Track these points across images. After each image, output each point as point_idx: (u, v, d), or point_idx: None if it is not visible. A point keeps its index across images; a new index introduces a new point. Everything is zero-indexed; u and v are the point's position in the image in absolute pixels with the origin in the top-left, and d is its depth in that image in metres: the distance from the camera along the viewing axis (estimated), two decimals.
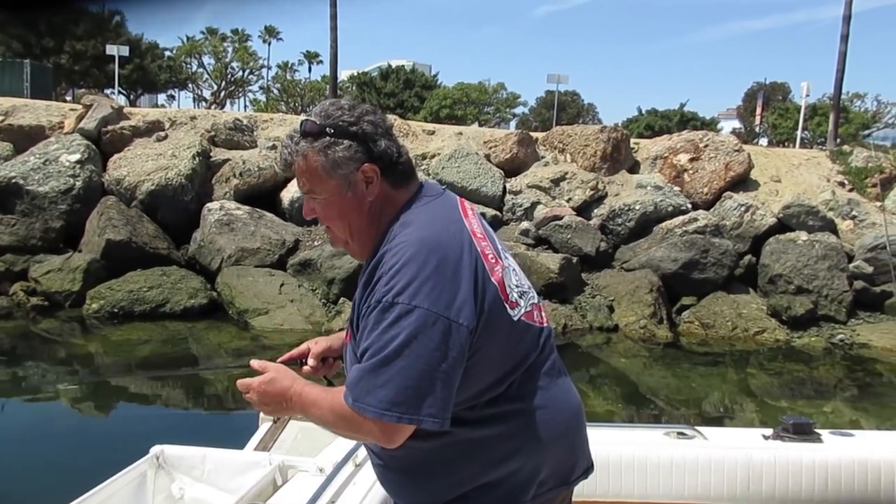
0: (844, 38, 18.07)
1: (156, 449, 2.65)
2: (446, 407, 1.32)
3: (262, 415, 3.01)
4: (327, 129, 1.43)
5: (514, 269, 1.50)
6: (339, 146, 1.42)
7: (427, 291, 1.31)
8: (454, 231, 1.41)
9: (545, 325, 1.53)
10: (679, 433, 2.60)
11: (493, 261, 1.43)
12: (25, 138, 11.57)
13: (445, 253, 1.35)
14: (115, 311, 9.02)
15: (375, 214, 1.46)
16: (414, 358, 1.29)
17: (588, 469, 1.59)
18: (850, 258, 10.70)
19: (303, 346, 1.74)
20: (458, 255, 1.37)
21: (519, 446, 1.43)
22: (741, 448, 2.49)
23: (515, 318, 1.43)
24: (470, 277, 1.36)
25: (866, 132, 34.25)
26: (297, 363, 1.71)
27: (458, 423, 1.38)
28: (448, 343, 1.31)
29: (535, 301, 1.52)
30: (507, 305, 1.41)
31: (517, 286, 1.47)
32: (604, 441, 2.46)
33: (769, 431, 2.61)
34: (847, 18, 18.04)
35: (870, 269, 10.43)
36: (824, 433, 2.61)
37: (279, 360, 1.67)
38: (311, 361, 1.69)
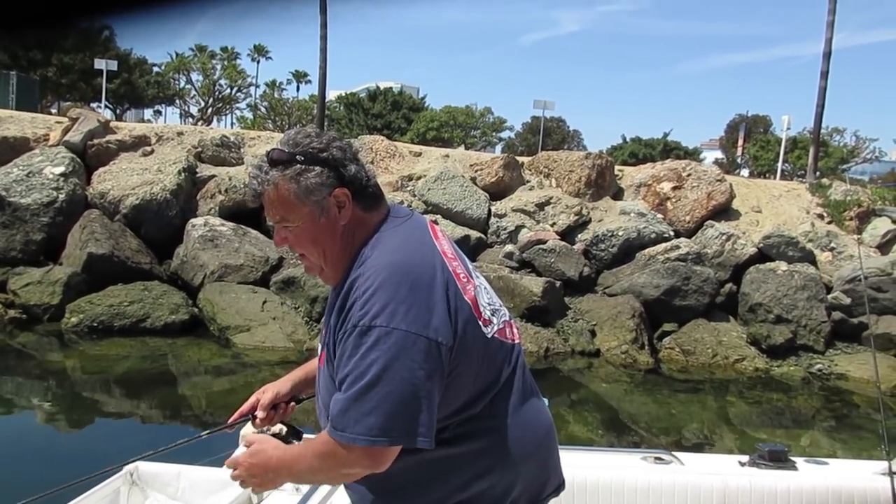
0: (824, 74, 18.45)
1: (130, 466, 2.61)
2: (432, 425, 1.33)
3: (241, 432, 2.98)
4: (297, 156, 1.43)
5: (485, 288, 1.52)
6: (311, 173, 1.43)
7: (404, 313, 1.32)
8: (426, 252, 1.43)
9: (517, 341, 1.55)
10: (656, 458, 2.62)
11: (465, 280, 1.45)
12: (10, 150, 11.48)
13: (418, 275, 1.37)
14: (95, 325, 8.92)
15: (348, 239, 1.47)
16: (397, 381, 1.30)
17: (559, 486, 1.60)
18: (829, 289, 10.84)
19: (251, 399, 1.75)
20: (431, 276, 1.38)
21: (492, 464, 1.44)
22: (717, 474, 2.51)
23: (489, 336, 1.45)
24: (444, 297, 1.37)
25: (845, 166, 34.87)
26: (248, 418, 1.72)
27: (438, 440, 1.39)
28: (429, 362, 1.31)
29: (507, 318, 1.54)
30: (480, 323, 1.43)
31: (489, 304, 1.49)
32: (581, 465, 2.48)
33: (745, 458, 2.64)
34: (827, 55, 18.44)
35: (847, 301, 10.56)
36: (799, 461, 2.64)
37: (230, 419, 1.67)
38: (260, 413, 1.70)
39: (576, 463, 2.46)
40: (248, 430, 1.71)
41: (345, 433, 1.32)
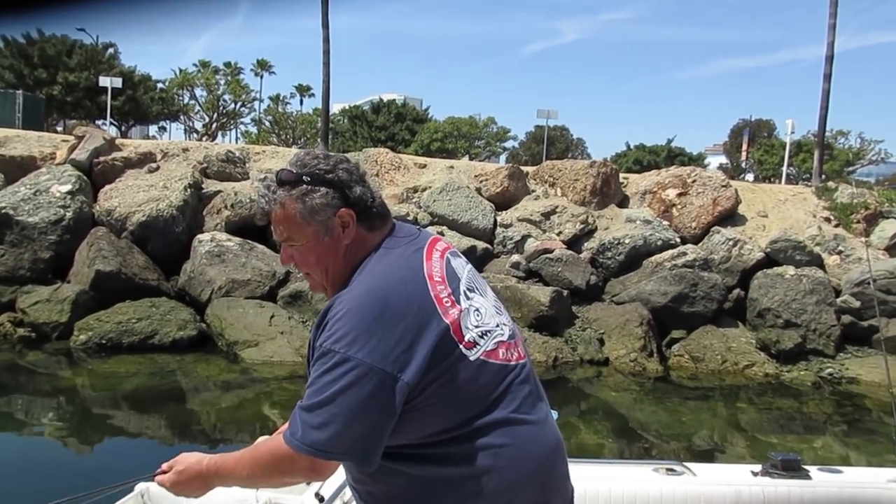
0: (827, 77, 18.46)
1: (141, 486, 2.61)
2: (374, 450, 1.40)
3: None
4: (304, 177, 1.48)
5: (476, 310, 1.51)
6: (317, 193, 1.48)
7: (363, 342, 1.36)
8: (406, 278, 1.45)
9: (514, 361, 1.53)
10: (668, 469, 2.61)
11: (449, 304, 1.46)
12: (17, 169, 11.57)
13: (389, 303, 1.40)
14: (103, 342, 8.94)
15: (350, 258, 1.51)
16: (346, 406, 1.36)
17: None
18: (838, 293, 10.79)
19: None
20: (404, 304, 1.41)
21: (485, 485, 1.43)
22: (730, 485, 2.49)
23: (472, 358, 1.44)
24: (412, 326, 1.39)
25: (850, 169, 34.78)
26: (148, 476, 1.73)
27: (425, 460, 1.42)
28: (380, 395, 1.36)
29: (504, 339, 1.52)
30: (461, 347, 1.44)
31: (477, 326, 1.48)
32: (592, 477, 2.46)
33: (758, 467, 2.62)
34: (830, 58, 18.45)
35: (857, 304, 10.51)
36: (812, 469, 2.62)
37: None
38: (165, 466, 1.67)
39: (587, 475, 2.45)
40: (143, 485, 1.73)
41: (298, 441, 1.39)
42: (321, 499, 2.35)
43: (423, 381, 1.39)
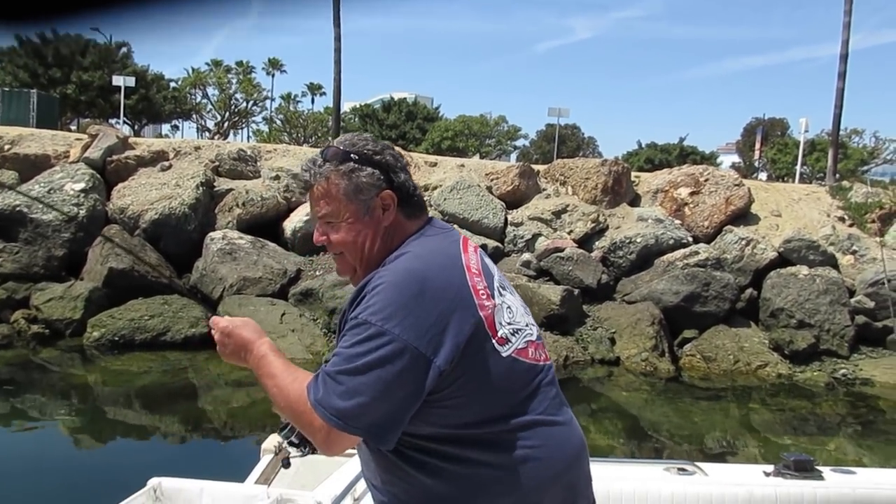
0: (842, 75, 18.30)
1: (153, 481, 2.62)
2: (394, 430, 1.37)
3: (263, 446, 3.00)
4: (352, 154, 1.49)
5: (508, 307, 1.50)
6: (363, 172, 1.49)
7: (401, 317, 1.34)
8: (446, 264, 1.45)
9: (542, 362, 1.53)
10: (679, 469, 2.59)
11: (485, 297, 1.45)
12: (31, 167, 11.66)
13: (429, 284, 1.38)
14: (116, 339, 9.00)
15: (386, 241, 1.51)
16: (374, 379, 1.33)
17: None
18: (852, 293, 10.70)
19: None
20: (442, 288, 1.39)
21: (516, 485, 1.42)
22: (742, 485, 2.47)
23: (504, 354, 1.44)
24: (449, 311, 1.38)
25: (865, 168, 34.47)
26: None
27: (454, 458, 1.40)
28: (411, 374, 1.33)
29: (533, 339, 1.52)
30: (495, 342, 1.43)
31: (509, 323, 1.48)
32: (604, 476, 2.45)
33: (770, 468, 2.60)
34: (844, 57, 18.30)
35: (871, 305, 10.41)
36: (825, 470, 2.60)
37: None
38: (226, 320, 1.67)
39: (598, 475, 2.43)
40: None
41: (321, 406, 1.35)
42: None
43: (455, 369, 1.37)
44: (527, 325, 1.53)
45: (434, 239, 1.51)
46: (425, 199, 1.61)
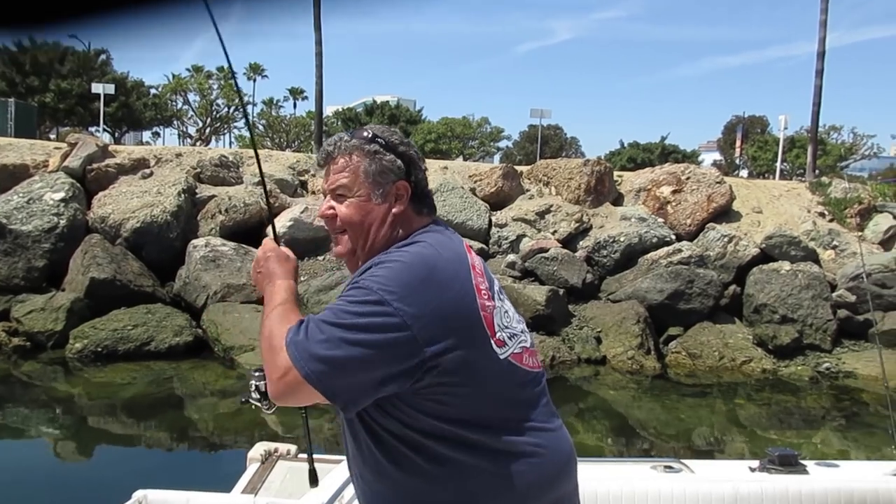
0: (819, 72, 18.51)
1: (138, 494, 2.60)
2: (357, 400, 1.35)
3: (249, 455, 2.98)
4: (379, 139, 1.53)
5: (506, 312, 1.51)
6: (386, 157, 1.51)
7: (404, 294, 1.33)
8: (453, 259, 1.45)
9: (535, 369, 1.53)
10: (666, 467, 2.60)
11: (486, 297, 1.45)
12: (9, 177, 11.52)
13: (437, 273, 1.38)
14: (99, 350, 8.90)
15: (393, 231, 1.51)
16: (359, 341, 1.31)
17: None
18: (833, 287, 10.82)
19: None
20: (449, 279, 1.39)
21: (504, 490, 1.41)
22: (728, 480, 2.49)
23: (501, 357, 1.43)
24: (453, 300, 1.37)
25: (844, 163, 34.89)
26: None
27: (442, 462, 1.38)
28: (396, 352, 1.32)
29: (528, 345, 1.52)
30: (493, 342, 1.42)
31: (507, 327, 1.48)
32: (590, 477, 2.46)
33: (755, 463, 2.62)
34: (821, 54, 18.51)
35: (853, 298, 10.53)
36: (810, 464, 2.62)
37: None
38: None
39: (585, 475, 2.43)
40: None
41: (290, 342, 1.34)
42: None
43: (450, 362, 1.35)
44: (521, 332, 1.53)
45: (442, 235, 1.52)
46: None
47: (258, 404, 1.68)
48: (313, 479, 1.96)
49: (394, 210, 1.51)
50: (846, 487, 2.47)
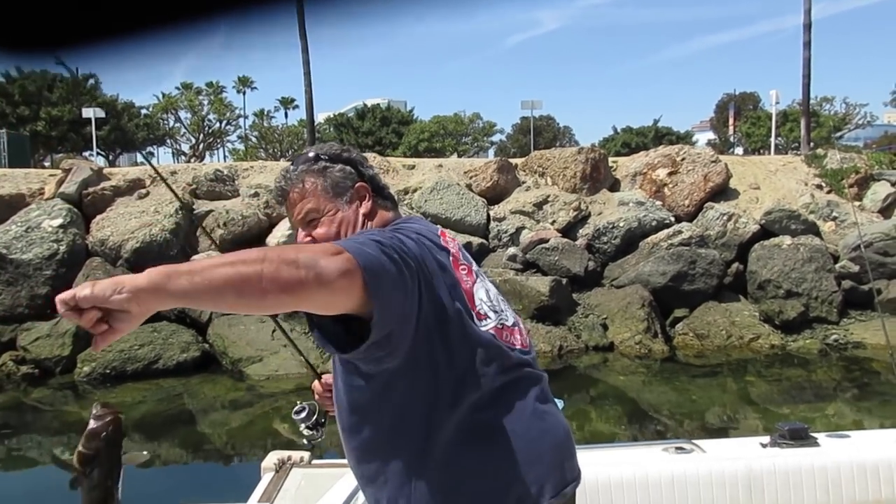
0: (807, 44, 18.48)
1: None
2: (393, 305, 1.26)
3: (263, 464, 2.98)
4: (321, 155, 1.58)
5: (487, 290, 1.52)
6: (335, 168, 1.57)
7: (406, 240, 1.35)
8: (428, 236, 1.47)
9: (519, 346, 1.52)
10: (677, 448, 2.60)
11: (465, 272, 1.48)
12: (6, 208, 11.52)
13: (423, 240, 1.41)
14: (107, 372, 8.92)
15: (367, 227, 1.54)
16: (393, 241, 1.30)
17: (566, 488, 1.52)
18: (836, 259, 10.80)
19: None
20: (431, 247, 1.42)
21: (507, 469, 1.41)
22: (739, 458, 2.49)
23: (482, 329, 1.44)
24: (435, 266, 1.39)
25: (838, 134, 34.82)
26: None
27: (435, 441, 1.38)
28: (409, 243, 1.34)
29: (509, 323, 1.52)
30: (473, 313, 1.43)
31: (486, 301, 1.49)
32: (601, 462, 2.46)
33: (766, 439, 2.61)
34: (808, 26, 18.47)
35: (856, 269, 10.52)
36: (821, 436, 2.62)
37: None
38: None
39: (596, 461, 2.45)
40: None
41: (338, 246, 1.23)
42: None
43: (430, 329, 1.35)
44: (503, 311, 1.53)
45: (417, 223, 1.54)
46: (405, 202, 1.64)
47: (313, 433, 1.93)
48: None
49: (361, 210, 1.56)
50: (859, 458, 2.47)
